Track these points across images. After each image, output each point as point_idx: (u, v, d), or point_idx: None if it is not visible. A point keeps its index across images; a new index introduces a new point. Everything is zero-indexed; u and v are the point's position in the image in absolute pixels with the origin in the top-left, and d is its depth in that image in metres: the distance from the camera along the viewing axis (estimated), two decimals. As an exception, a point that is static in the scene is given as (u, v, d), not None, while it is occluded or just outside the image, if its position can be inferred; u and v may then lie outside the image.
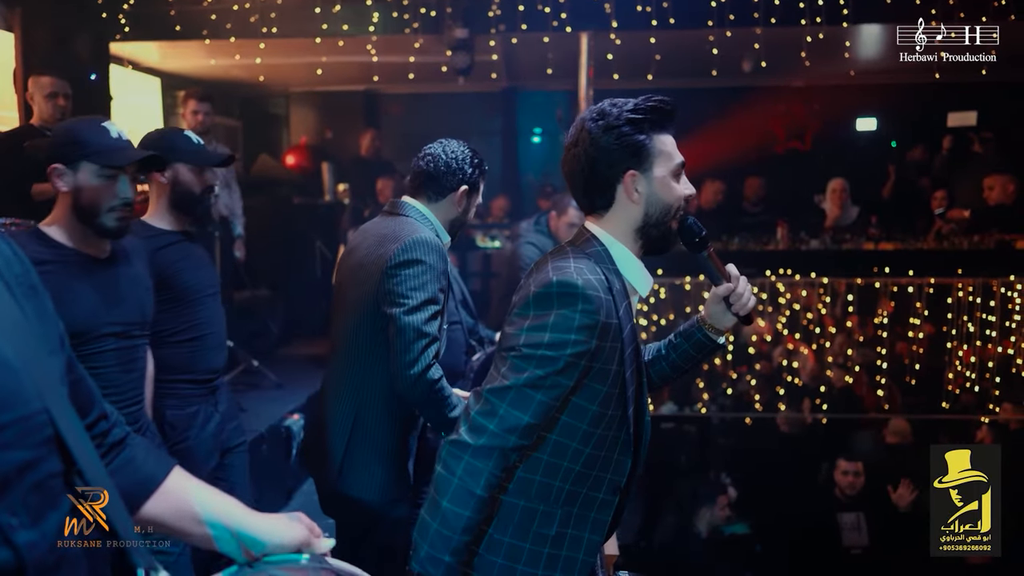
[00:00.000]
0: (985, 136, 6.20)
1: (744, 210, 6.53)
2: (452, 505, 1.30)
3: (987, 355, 5.68)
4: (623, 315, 1.38)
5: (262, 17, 5.42)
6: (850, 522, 4.08)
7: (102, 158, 1.78)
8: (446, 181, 2.06)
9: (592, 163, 1.41)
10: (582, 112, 1.47)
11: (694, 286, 5.77)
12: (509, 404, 1.31)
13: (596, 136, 1.40)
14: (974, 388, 5.68)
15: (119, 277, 1.90)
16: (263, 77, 6.90)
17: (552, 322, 1.32)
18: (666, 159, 1.42)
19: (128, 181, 1.83)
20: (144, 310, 1.97)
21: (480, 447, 1.31)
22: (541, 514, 1.40)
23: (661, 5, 5.25)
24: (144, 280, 2.00)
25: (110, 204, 1.80)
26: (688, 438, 5.75)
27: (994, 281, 5.61)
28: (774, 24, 5.25)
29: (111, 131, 1.81)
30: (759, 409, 5.71)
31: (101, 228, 1.82)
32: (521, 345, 1.33)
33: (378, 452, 1.99)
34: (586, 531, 1.43)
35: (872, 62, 6.51)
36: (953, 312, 5.71)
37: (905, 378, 5.83)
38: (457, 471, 1.31)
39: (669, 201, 1.43)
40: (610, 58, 5.74)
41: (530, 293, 1.36)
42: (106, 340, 1.83)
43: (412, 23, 5.45)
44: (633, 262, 1.45)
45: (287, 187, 6.97)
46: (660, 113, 1.41)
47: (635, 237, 1.45)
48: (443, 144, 2.11)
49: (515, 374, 1.32)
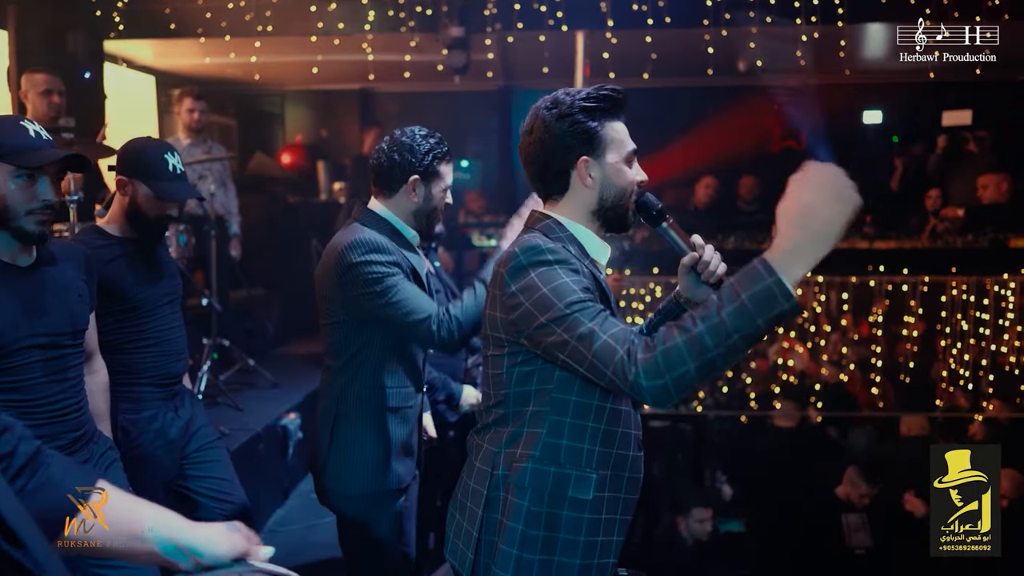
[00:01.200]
0: (980, 135, 6.23)
1: (739, 209, 6.54)
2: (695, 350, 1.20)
3: (981, 353, 5.71)
4: (589, 267, 1.44)
5: (257, 15, 5.41)
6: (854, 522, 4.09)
7: (17, 159, 1.65)
8: (394, 175, 2.03)
9: (546, 150, 1.45)
10: (537, 102, 1.50)
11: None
12: (601, 329, 1.27)
13: (550, 123, 1.44)
14: (967, 386, 5.72)
15: (45, 285, 1.77)
16: (258, 75, 6.87)
17: (539, 279, 1.34)
18: (618, 146, 1.47)
19: (49, 182, 1.70)
20: (75, 318, 1.82)
21: (640, 363, 1.22)
22: (575, 479, 1.41)
23: (657, 4, 5.25)
24: (76, 286, 1.85)
25: (28, 207, 1.67)
26: (684, 436, 5.77)
27: (988, 279, 5.65)
28: (769, 23, 5.26)
29: (29, 130, 1.69)
30: (754, 407, 5.73)
31: (20, 233, 1.68)
32: (538, 314, 1.32)
33: (357, 451, 2.03)
34: (622, 492, 1.47)
35: (869, 61, 6.53)
36: (947, 310, 5.74)
37: (899, 376, 5.86)
38: (673, 370, 1.19)
39: (622, 186, 1.48)
40: (606, 57, 5.75)
41: (504, 273, 1.40)
42: (30, 352, 1.71)
43: (408, 22, 5.44)
44: (586, 233, 1.49)
45: (282, 186, 6.96)
46: (612, 101, 1.46)
47: (591, 219, 1.50)
48: (392, 136, 2.06)
49: (575, 327, 1.28)
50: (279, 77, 7.59)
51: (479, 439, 1.54)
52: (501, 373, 1.46)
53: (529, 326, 1.35)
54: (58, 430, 1.76)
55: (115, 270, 2.13)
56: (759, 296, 1.15)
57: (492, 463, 1.46)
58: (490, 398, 1.51)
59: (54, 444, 1.70)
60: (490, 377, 1.50)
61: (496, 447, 1.47)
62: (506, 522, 1.42)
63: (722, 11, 5.25)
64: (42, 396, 1.74)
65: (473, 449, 1.55)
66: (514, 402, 1.45)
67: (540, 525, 1.41)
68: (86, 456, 1.84)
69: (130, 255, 2.19)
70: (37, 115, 3.63)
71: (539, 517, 1.41)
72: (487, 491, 1.46)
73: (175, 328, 2.30)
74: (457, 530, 1.53)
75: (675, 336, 1.20)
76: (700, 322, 1.18)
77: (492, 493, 1.45)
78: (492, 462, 1.46)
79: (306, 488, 4.29)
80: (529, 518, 1.41)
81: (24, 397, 1.70)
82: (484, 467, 1.48)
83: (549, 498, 1.41)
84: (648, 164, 1.57)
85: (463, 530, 1.51)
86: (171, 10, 5.46)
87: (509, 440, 1.45)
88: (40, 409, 1.73)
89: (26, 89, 3.65)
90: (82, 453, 1.83)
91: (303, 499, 4.16)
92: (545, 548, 1.40)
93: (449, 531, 1.56)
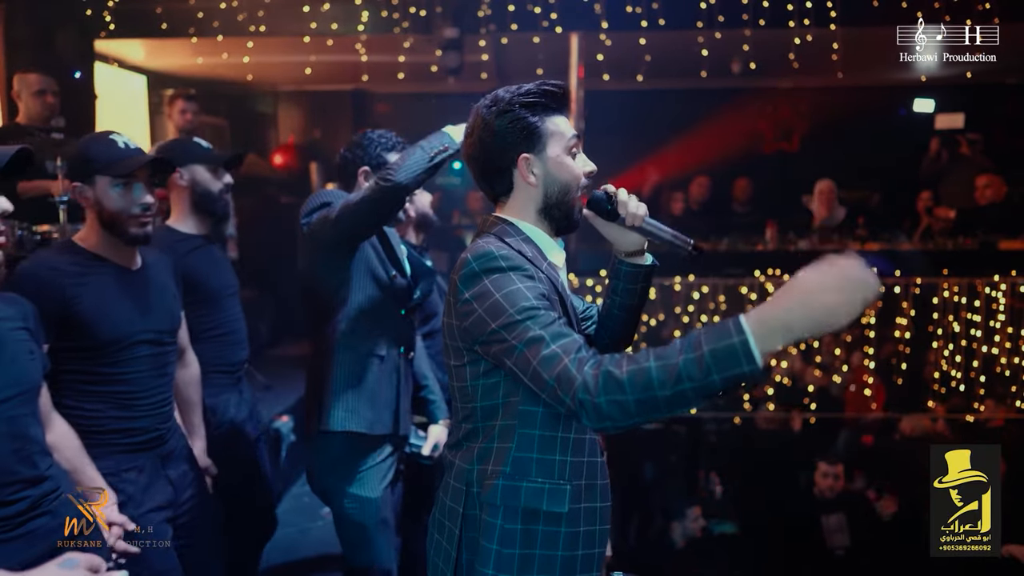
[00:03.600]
0: (972, 138, 6.27)
1: (733, 211, 6.57)
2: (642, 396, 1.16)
3: (972, 354, 5.75)
4: (547, 273, 1.40)
5: (250, 15, 5.38)
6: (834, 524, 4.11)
7: (112, 169, 1.85)
8: (348, 170, 2.27)
9: (487, 149, 1.43)
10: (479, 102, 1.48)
11: (684, 286, 5.79)
12: (550, 337, 1.23)
13: (489, 121, 1.42)
14: (959, 387, 5.75)
15: (150, 287, 1.99)
16: (251, 76, 6.85)
17: (492, 285, 1.30)
18: (559, 138, 1.43)
19: (143, 187, 1.90)
20: (173, 317, 2.05)
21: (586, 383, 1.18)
22: (549, 492, 1.37)
23: (651, 6, 5.26)
24: (171, 288, 2.08)
25: (130, 212, 1.87)
26: (677, 439, 5.77)
27: (978, 281, 5.68)
28: (763, 26, 5.28)
29: (118, 142, 1.89)
30: (748, 409, 5.74)
31: (127, 236, 1.89)
32: (489, 322, 1.29)
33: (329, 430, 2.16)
34: (596, 501, 1.43)
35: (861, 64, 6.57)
36: (939, 312, 5.77)
37: (892, 377, 5.89)
38: (620, 407, 1.16)
39: (566, 179, 1.44)
40: (600, 59, 5.75)
41: (457, 281, 1.36)
42: (140, 347, 1.91)
43: (402, 22, 5.43)
44: (538, 233, 1.46)
45: (275, 187, 6.93)
46: (551, 96, 1.43)
47: (540, 218, 1.46)
48: (354, 135, 2.30)
49: (525, 332, 1.25)
50: (272, 77, 7.56)
51: (452, 455, 1.49)
52: (466, 386, 1.42)
53: (481, 333, 1.31)
54: (154, 423, 1.94)
55: (190, 264, 2.33)
56: (720, 352, 1.09)
57: (466, 481, 1.42)
58: (459, 412, 1.47)
59: (149, 436, 1.93)
60: (456, 390, 1.46)
61: (468, 464, 1.43)
62: (482, 542, 1.39)
63: (715, 14, 5.26)
64: (146, 389, 1.92)
65: (448, 467, 1.51)
66: (482, 416, 1.41)
67: (515, 543, 1.36)
68: (171, 447, 2.02)
69: (200, 250, 2.43)
70: (30, 115, 3.61)
71: (513, 535, 1.36)
72: (463, 509, 1.42)
73: (239, 319, 2.55)
74: (437, 549, 1.48)
75: (625, 364, 1.17)
76: (655, 359, 1.15)
77: (469, 512, 1.41)
78: (466, 479, 1.42)
79: (299, 491, 4.27)
80: (503, 537, 1.37)
81: (131, 389, 1.89)
82: (459, 485, 1.44)
83: (523, 514, 1.37)
84: (643, 165, 1.55)
85: (443, 550, 1.46)
86: (163, 9, 5.43)
87: (480, 456, 1.41)
88: (143, 402, 1.91)
89: (19, 89, 3.62)
90: (168, 444, 2.00)
91: (296, 502, 4.13)
92: (522, 567, 1.36)
93: (430, 551, 1.52)
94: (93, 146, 1.88)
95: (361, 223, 2.03)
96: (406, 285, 2.31)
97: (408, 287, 2.32)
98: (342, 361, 2.15)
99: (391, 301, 2.24)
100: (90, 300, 1.83)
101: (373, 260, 2.21)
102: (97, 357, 1.84)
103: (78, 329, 1.81)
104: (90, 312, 1.82)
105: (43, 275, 1.81)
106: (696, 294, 5.79)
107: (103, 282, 1.87)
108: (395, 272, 2.26)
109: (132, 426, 1.89)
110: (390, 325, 2.24)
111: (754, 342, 1.07)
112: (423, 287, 2.37)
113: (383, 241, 2.26)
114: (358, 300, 2.17)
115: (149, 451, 1.93)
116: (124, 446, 1.88)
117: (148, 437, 1.93)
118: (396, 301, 2.26)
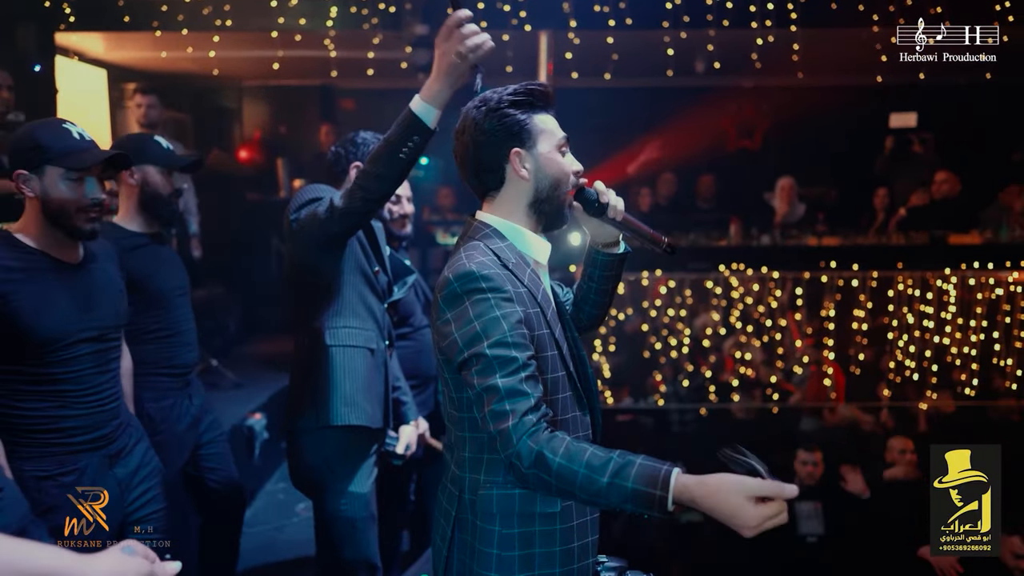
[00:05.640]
0: (924, 137, 6.51)
1: (698, 207, 6.70)
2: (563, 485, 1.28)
3: (924, 345, 5.98)
4: (529, 282, 1.44)
5: (216, 9, 5.31)
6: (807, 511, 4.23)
7: (66, 161, 1.77)
8: (340, 165, 2.33)
9: (478, 147, 1.47)
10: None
11: (651, 281, 5.90)
12: (508, 389, 1.30)
13: (479, 121, 1.46)
14: (912, 376, 5.98)
15: (93, 282, 1.90)
16: (216, 70, 6.73)
17: (473, 312, 1.34)
18: (549, 136, 1.49)
19: (96, 182, 1.83)
20: (118, 313, 1.97)
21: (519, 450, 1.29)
22: (541, 495, 1.41)
23: (618, 6, 5.35)
24: (117, 282, 2.01)
25: (79, 205, 1.79)
26: (645, 429, 5.89)
27: (930, 275, 5.91)
28: (726, 27, 5.40)
29: (72, 132, 1.80)
30: (713, 400, 5.88)
31: (73, 231, 1.81)
32: (463, 348, 1.34)
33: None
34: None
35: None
36: (894, 304, 5.99)
37: (850, 367, 6.09)
38: (542, 483, 1.29)
39: (557, 175, 1.49)
40: (569, 57, 5.82)
41: (439, 299, 1.40)
42: (81, 345, 1.83)
43: (371, 18, 5.41)
44: (525, 235, 1.49)
45: (241, 183, 6.84)
46: (537, 95, 1.49)
47: (529, 213, 1.50)
48: (348, 135, 2.38)
49: (488, 377, 1.31)
50: (237, 72, 7.44)
51: (448, 455, 1.54)
52: (453, 396, 1.46)
53: (455, 355, 1.36)
54: (102, 419, 1.88)
55: (135, 262, 2.25)
56: (641, 496, 1.21)
57: (459, 486, 1.47)
58: (450, 415, 1.51)
59: (99, 433, 1.87)
60: (446, 395, 1.50)
61: (460, 471, 1.47)
62: (479, 547, 1.43)
63: (680, 14, 5.37)
64: (90, 387, 1.85)
65: (445, 466, 1.56)
66: (469, 427, 1.44)
67: (515, 546, 1.42)
68: (124, 443, 1.96)
69: (145, 248, 2.35)
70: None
71: (512, 539, 1.42)
72: (456, 512, 1.47)
73: (188, 319, 2.47)
74: (433, 544, 1.55)
75: (560, 451, 1.26)
76: (586, 467, 1.24)
77: (461, 515, 1.46)
78: (459, 485, 1.47)
79: (273, 488, 4.26)
80: (502, 541, 1.42)
81: (74, 388, 1.82)
82: (452, 489, 1.49)
83: (519, 519, 1.42)
84: (610, 162, 1.61)
85: (437, 546, 1.53)
86: (124, 2, 5.32)
87: (471, 465, 1.45)
88: (88, 399, 1.85)
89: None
90: (121, 440, 1.95)
91: (270, 499, 4.13)
92: (523, 566, 1.42)
93: (434, 514, 1.58)
94: (44, 134, 1.77)
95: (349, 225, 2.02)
96: (387, 281, 2.34)
97: (389, 283, 2.35)
98: (336, 354, 2.14)
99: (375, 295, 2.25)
100: (27, 297, 1.73)
101: (360, 255, 2.22)
102: (34, 356, 1.75)
103: (13, 327, 1.71)
104: (27, 310, 1.72)
105: None
106: (663, 288, 5.91)
107: (42, 278, 1.78)
108: (378, 267, 2.28)
109: (73, 424, 1.81)
110: (378, 318, 2.26)
111: (671, 500, 1.20)
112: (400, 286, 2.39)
113: (369, 236, 2.27)
114: (349, 294, 2.17)
115: (93, 451, 1.85)
116: (63, 446, 1.80)
117: (91, 436, 1.86)
118: (379, 296, 2.28)
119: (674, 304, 5.94)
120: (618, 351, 6.03)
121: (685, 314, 5.95)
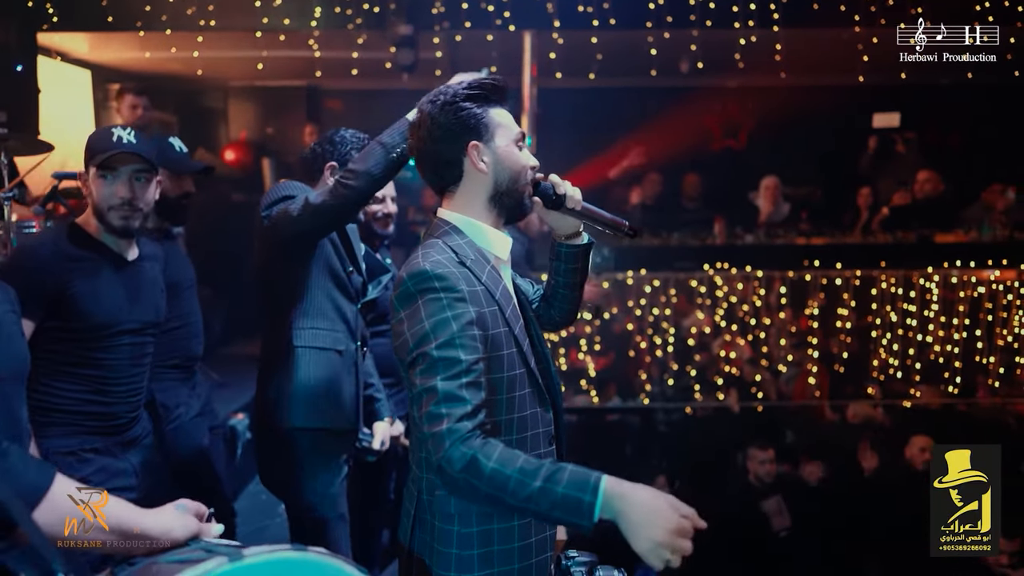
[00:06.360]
0: (907, 136, 6.56)
1: (683, 206, 6.73)
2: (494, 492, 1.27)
3: (908, 343, 6.03)
4: (488, 279, 1.43)
5: (200, 9, 5.30)
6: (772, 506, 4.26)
7: (96, 160, 1.92)
8: (316, 164, 2.32)
9: (435, 141, 1.46)
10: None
11: (636, 280, 5.93)
12: (447, 392, 1.29)
13: (435, 116, 1.46)
14: (896, 374, 6.03)
15: (142, 278, 2.04)
16: (201, 71, 6.72)
17: (425, 312, 1.34)
18: (506, 130, 1.48)
19: (126, 181, 1.93)
20: (158, 311, 2.10)
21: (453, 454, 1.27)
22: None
23: (602, 6, 5.37)
24: (160, 282, 2.13)
25: (110, 204, 1.92)
26: (632, 429, 5.91)
27: (914, 273, 5.96)
28: (709, 27, 5.43)
29: (113, 135, 1.93)
30: (699, 399, 5.91)
31: (109, 226, 1.94)
32: (412, 348, 1.33)
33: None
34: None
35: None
36: (878, 303, 6.03)
37: (834, 365, 6.13)
38: (474, 493, 1.27)
39: (515, 168, 1.48)
40: (553, 57, 5.83)
41: (394, 299, 1.40)
42: (124, 336, 1.96)
43: (355, 19, 5.42)
44: (484, 230, 1.49)
45: (226, 183, 6.82)
46: (492, 89, 1.48)
47: (489, 207, 1.49)
48: (327, 132, 2.37)
49: (429, 378, 1.30)
50: (222, 72, 7.43)
51: (409, 455, 1.55)
52: (412, 396, 1.44)
53: (404, 354, 1.36)
54: (125, 409, 2.00)
55: None
56: (570, 501, 1.20)
57: (418, 486, 1.47)
58: (412, 418, 1.49)
59: (117, 422, 1.99)
60: (408, 397, 1.50)
61: (420, 470, 1.47)
62: (438, 547, 1.43)
63: (664, 14, 5.40)
64: (123, 377, 1.97)
65: (410, 452, 1.57)
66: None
67: (473, 544, 1.42)
68: (135, 434, 2.06)
69: (159, 243, 2.41)
70: (-35, 111, 3.51)
71: (471, 537, 1.42)
72: (415, 511, 1.48)
73: (195, 312, 2.61)
74: (400, 524, 1.55)
75: (494, 457, 1.24)
76: (519, 472, 1.23)
77: (420, 515, 1.47)
78: (418, 485, 1.47)
79: (255, 489, 4.24)
80: (461, 541, 1.42)
81: (109, 375, 1.94)
82: (412, 487, 1.50)
83: (477, 517, 1.42)
84: (594, 162, 1.62)
85: (400, 533, 1.53)
86: (107, 2, 5.30)
87: (428, 465, 1.43)
88: (118, 388, 1.97)
89: (-48, 85, 3.52)
90: (133, 431, 2.05)
91: (253, 499, 4.11)
92: (483, 564, 1.42)
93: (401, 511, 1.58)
94: (93, 136, 1.95)
95: (322, 224, 2.03)
96: (362, 282, 2.34)
97: (364, 284, 2.35)
98: (303, 356, 2.14)
99: (347, 296, 2.25)
100: (84, 284, 1.89)
101: (332, 255, 2.22)
102: (82, 340, 1.89)
103: (68, 310, 1.86)
104: (83, 295, 1.88)
105: (44, 253, 1.88)
106: (648, 287, 5.93)
107: (99, 267, 1.93)
108: (352, 268, 2.28)
109: (104, 411, 1.95)
110: (348, 320, 2.26)
111: (599, 507, 1.19)
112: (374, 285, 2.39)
113: (342, 237, 2.26)
114: (318, 295, 2.18)
115: (112, 435, 1.98)
116: (89, 428, 1.93)
117: (116, 423, 1.98)
118: (351, 297, 2.28)
119: (659, 303, 5.96)
120: (604, 350, 6.05)
121: (670, 313, 5.98)
